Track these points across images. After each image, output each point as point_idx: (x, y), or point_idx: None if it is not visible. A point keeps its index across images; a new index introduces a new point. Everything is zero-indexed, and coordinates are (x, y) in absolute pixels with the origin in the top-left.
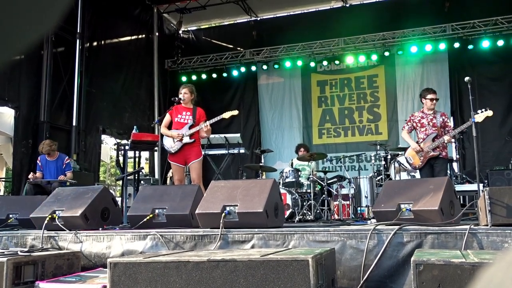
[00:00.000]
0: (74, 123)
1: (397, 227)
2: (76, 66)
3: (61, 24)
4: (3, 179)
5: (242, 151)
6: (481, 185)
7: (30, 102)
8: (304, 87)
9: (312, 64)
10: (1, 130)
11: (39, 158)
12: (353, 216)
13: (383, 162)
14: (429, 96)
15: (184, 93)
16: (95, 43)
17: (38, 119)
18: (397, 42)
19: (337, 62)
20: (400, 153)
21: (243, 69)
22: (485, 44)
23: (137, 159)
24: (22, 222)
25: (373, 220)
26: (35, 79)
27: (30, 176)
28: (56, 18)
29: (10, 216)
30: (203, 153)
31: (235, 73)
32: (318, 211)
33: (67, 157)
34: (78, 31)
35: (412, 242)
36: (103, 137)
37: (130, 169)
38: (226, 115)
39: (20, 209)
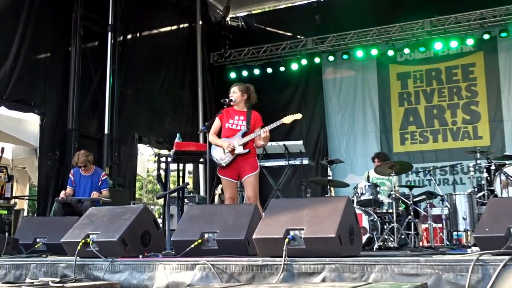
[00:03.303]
0: (106, 131)
1: (507, 257)
2: (108, 64)
3: (90, 15)
4: (27, 197)
5: (305, 161)
6: None
7: (57, 107)
8: (380, 82)
9: (391, 52)
10: (25, 141)
11: (71, 171)
12: (447, 243)
13: (486, 174)
14: None
15: (232, 92)
16: (129, 36)
17: (65, 127)
18: (499, 22)
19: (422, 49)
20: (507, 162)
21: (304, 62)
22: None
23: (180, 173)
24: (51, 247)
25: (475, 248)
26: (62, 80)
27: (62, 194)
28: None
29: (38, 240)
30: (259, 165)
31: (294, 66)
32: (402, 237)
33: (103, 172)
34: (110, 22)
35: None
36: (139, 146)
37: (171, 185)
38: (287, 119)
39: (49, 232)
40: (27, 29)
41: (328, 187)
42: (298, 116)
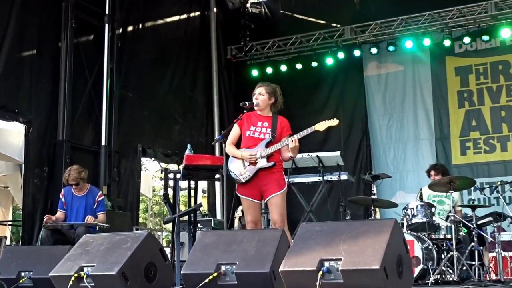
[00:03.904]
0: (103, 142)
1: None
2: (105, 62)
3: (84, 3)
4: (10, 223)
5: (343, 177)
6: None
7: (46, 115)
8: (435, 78)
9: (447, 42)
10: (7, 155)
11: (62, 191)
12: None
13: None
14: None
15: (258, 94)
16: (130, 28)
17: (55, 138)
18: None
19: (485, 37)
20: None
21: (341, 55)
22: None
23: (192, 192)
24: (38, 282)
25: None
26: (51, 82)
27: (46, 218)
28: None
29: (22, 274)
30: (286, 181)
31: (329, 61)
32: (464, 268)
33: (100, 192)
34: (107, 12)
35: None
36: (143, 160)
37: (182, 207)
38: (321, 126)
39: (35, 264)
40: (10, 21)
41: (372, 207)
42: (334, 122)
